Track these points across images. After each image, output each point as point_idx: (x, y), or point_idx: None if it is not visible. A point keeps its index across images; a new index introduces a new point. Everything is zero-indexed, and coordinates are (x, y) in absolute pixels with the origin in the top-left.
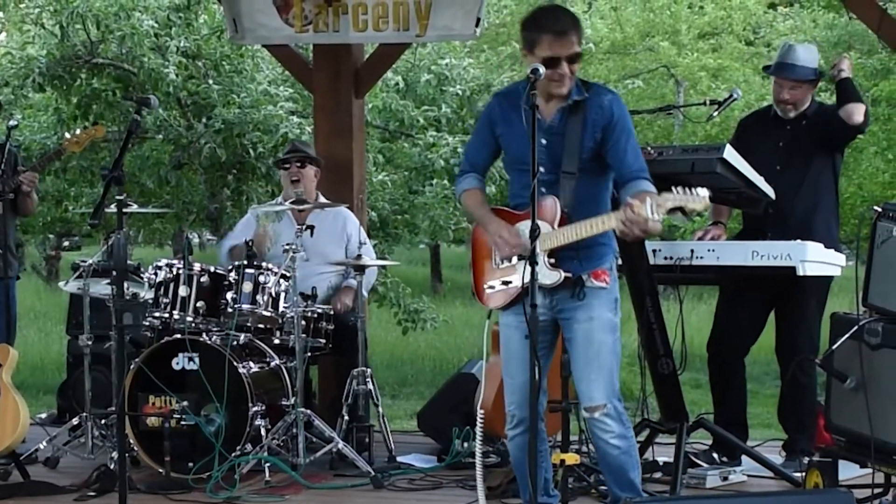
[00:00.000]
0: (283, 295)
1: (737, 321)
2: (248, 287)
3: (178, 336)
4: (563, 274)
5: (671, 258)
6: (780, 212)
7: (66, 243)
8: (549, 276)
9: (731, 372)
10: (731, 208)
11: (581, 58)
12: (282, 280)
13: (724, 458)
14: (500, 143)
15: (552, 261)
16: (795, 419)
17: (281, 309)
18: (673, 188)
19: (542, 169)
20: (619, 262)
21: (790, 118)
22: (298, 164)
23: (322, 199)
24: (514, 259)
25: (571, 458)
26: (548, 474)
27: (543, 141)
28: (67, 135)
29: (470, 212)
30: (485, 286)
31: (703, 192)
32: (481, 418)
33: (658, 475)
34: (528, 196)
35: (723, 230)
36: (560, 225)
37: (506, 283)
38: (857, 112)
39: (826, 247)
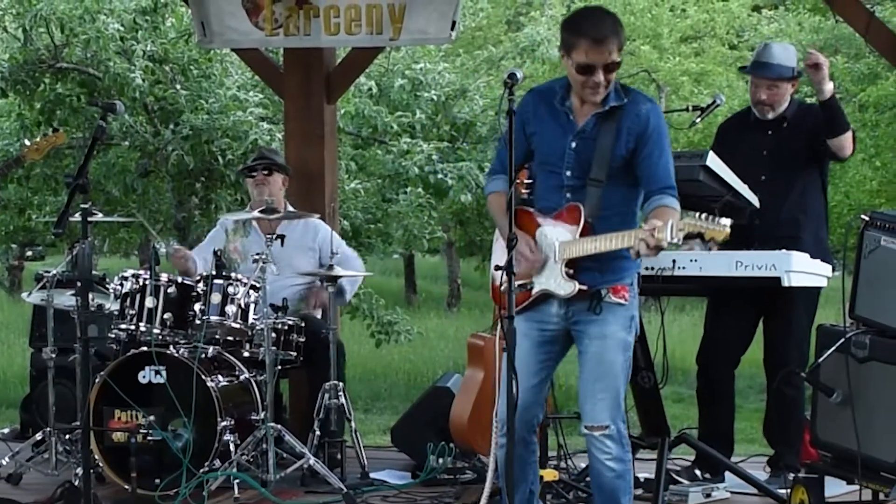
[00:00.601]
0: (252, 306)
1: (726, 332)
2: (216, 298)
3: (145, 349)
4: (578, 286)
5: (653, 268)
6: (766, 221)
7: (29, 253)
8: (563, 286)
9: (720, 384)
10: None
11: (619, 66)
12: (251, 291)
13: (707, 475)
14: (531, 143)
15: (570, 271)
16: (781, 433)
17: (251, 321)
18: (696, 213)
19: (568, 173)
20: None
21: (769, 120)
22: (265, 172)
23: (290, 209)
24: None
25: (550, 475)
26: (534, 486)
27: (573, 144)
28: (27, 142)
29: (493, 216)
30: (500, 285)
31: (726, 221)
32: (496, 425)
33: (639, 492)
34: (556, 200)
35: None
36: (582, 234)
37: (523, 285)
38: (847, 146)
39: (813, 256)
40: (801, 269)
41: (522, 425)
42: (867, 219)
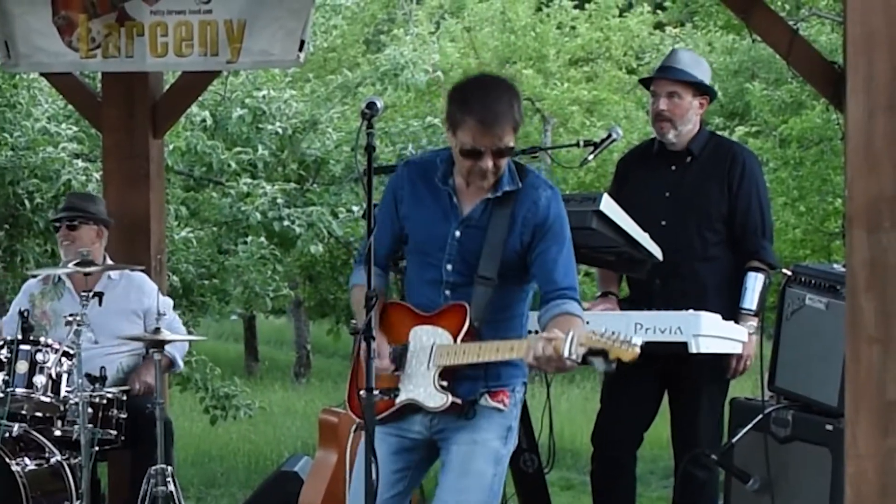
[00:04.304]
0: (65, 377)
1: (625, 406)
2: (22, 367)
3: None
4: (451, 399)
5: (538, 332)
6: (666, 276)
7: None
8: (434, 398)
9: (619, 468)
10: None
11: (513, 151)
12: (64, 359)
13: None
14: (404, 225)
15: (444, 382)
16: None
17: (63, 394)
18: (605, 327)
19: (449, 267)
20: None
21: (672, 154)
22: (70, 226)
23: (110, 262)
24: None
25: None
26: None
27: (458, 233)
28: None
29: (355, 314)
30: (360, 391)
31: (637, 341)
32: None
33: None
34: (431, 297)
35: (614, 303)
36: (465, 339)
37: (387, 391)
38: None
39: (725, 318)
40: (711, 333)
41: None
42: (789, 273)
